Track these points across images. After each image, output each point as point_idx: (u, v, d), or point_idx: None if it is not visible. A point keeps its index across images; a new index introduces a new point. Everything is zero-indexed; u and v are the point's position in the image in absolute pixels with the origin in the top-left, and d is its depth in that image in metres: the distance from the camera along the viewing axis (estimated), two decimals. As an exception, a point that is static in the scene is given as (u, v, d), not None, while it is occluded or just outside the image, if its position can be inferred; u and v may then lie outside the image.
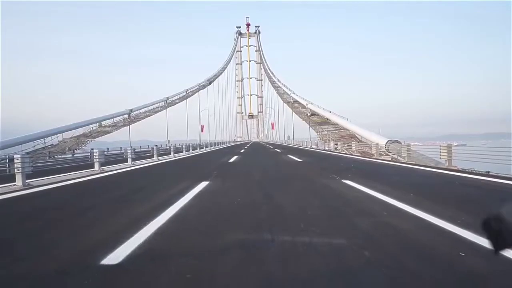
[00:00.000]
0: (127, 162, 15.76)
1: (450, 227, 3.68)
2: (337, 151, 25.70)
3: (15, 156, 8.16)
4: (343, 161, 15.68)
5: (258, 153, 26.44)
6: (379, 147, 18.59)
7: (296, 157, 18.17)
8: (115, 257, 2.94)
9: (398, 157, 15.44)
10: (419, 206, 4.71)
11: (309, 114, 49.91)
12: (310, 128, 50.50)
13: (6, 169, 8.40)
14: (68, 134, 36.30)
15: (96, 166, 12.32)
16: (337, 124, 38.71)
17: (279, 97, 74.05)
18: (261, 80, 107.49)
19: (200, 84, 66.95)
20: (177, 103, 56.91)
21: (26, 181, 8.14)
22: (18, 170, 7.80)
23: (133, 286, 2.41)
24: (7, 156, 9.60)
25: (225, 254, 3.01)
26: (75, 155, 24.84)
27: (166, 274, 2.60)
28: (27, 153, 21.88)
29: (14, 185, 7.83)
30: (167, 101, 53.33)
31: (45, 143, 32.01)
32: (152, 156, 20.13)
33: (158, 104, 51.39)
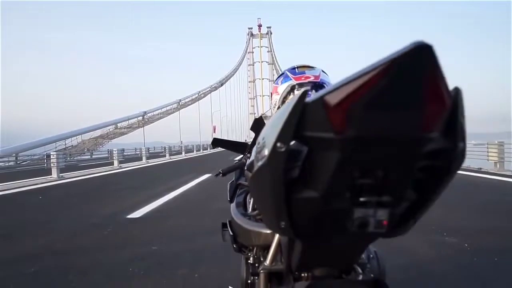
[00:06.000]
0: (142, 160, 17.42)
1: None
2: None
3: (51, 153, 9.81)
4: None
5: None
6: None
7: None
8: (136, 214, 4.42)
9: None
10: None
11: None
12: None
13: (44, 164, 9.96)
14: (86, 136, 38.56)
15: (115, 163, 13.96)
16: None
17: (289, 98, 75.26)
18: (273, 80, 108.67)
19: (212, 85, 68.69)
20: (189, 105, 58.73)
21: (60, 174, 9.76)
22: (54, 164, 9.41)
23: (150, 226, 3.85)
24: (45, 153, 11.24)
25: (210, 213, 4.42)
26: (93, 156, 26.68)
27: (171, 221, 4.05)
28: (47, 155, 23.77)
29: (50, 177, 9.45)
30: (180, 103, 55.18)
31: (65, 144, 34.20)
32: (164, 156, 21.84)
33: (171, 106, 53.22)
